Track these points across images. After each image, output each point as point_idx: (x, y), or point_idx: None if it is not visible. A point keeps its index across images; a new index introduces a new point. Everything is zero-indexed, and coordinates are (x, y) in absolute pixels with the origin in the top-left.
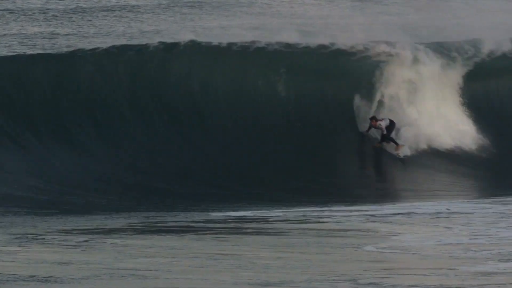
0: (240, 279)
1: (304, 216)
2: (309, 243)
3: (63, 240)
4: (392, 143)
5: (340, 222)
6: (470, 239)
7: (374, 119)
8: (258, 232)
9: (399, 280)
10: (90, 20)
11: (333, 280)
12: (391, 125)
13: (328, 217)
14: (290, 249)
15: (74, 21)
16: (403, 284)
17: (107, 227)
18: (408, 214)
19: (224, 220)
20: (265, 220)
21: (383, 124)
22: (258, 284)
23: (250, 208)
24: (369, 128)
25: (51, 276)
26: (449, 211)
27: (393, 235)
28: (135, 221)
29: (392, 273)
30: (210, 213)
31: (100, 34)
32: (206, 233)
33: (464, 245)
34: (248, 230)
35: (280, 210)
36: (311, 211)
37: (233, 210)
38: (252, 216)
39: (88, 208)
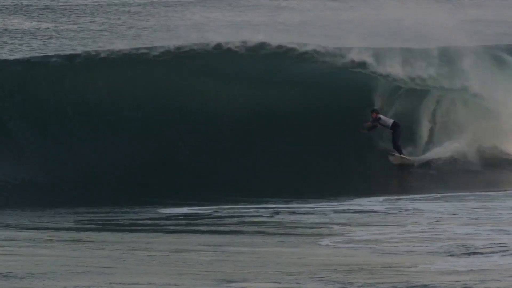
0: (199, 276)
1: (257, 212)
2: (264, 239)
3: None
4: (396, 151)
5: (296, 217)
6: (423, 234)
7: (375, 111)
8: (211, 231)
9: (356, 275)
10: None
11: (291, 274)
12: (396, 127)
13: (281, 214)
14: (247, 246)
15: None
16: (359, 280)
17: (55, 224)
18: (362, 210)
19: (175, 217)
20: (217, 217)
21: (384, 119)
22: (219, 279)
23: (203, 204)
24: (372, 125)
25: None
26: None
27: (348, 231)
28: (83, 218)
29: (349, 269)
30: (160, 210)
31: None
32: (158, 231)
33: (418, 239)
34: (202, 228)
35: (231, 207)
36: (264, 207)
37: (184, 206)
38: (203, 213)
39: (37, 205)
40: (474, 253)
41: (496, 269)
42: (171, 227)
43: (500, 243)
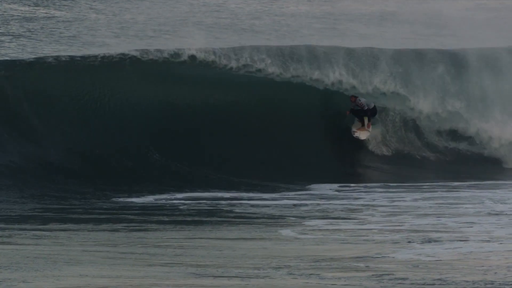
0: (166, 268)
1: (218, 204)
2: (225, 231)
3: None
4: (360, 123)
5: (255, 209)
6: (385, 226)
7: (353, 96)
8: (171, 222)
9: (322, 265)
10: None
11: (257, 267)
12: (374, 109)
13: (242, 205)
14: (210, 238)
15: None
16: (326, 270)
17: (13, 213)
18: (321, 197)
19: (135, 207)
20: (175, 208)
21: (363, 101)
22: (189, 273)
23: (163, 195)
24: (352, 110)
25: None
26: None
27: (308, 221)
28: (38, 207)
29: (314, 259)
30: (120, 200)
31: None
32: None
33: (379, 231)
34: (164, 219)
35: (189, 195)
36: (224, 198)
37: (144, 197)
38: (160, 204)
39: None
40: (435, 242)
41: (460, 258)
42: (133, 217)
43: (461, 233)
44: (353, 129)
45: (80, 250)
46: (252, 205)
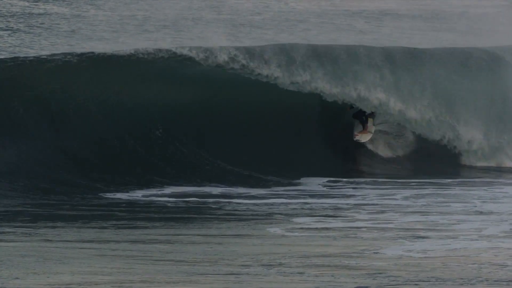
0: (156, 266)
1: (205, 202)
2: (212, 228)
3: None
4: (361, 125)
5: (242, 206)
6: (374, 223)
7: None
8: (160, 218)
9: (312, 262)
10: None
11: (245, 265)
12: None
13: (230, 203)
14: (199, 235)
15: None
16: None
17: (5, 210)
18: (309, 195)
19: (117, 204)
20: (163, 205)
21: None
22: (179, 272)
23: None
24: (352, 106)
25: None
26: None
27: (296, 218)
28: (28, 202)
29: (303, 255)
30: (106, 195)
31: None
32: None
33: (368, 229)
34: (153, 216)
35: (175, 191)
36: (213, 195)
37: (130, 193)
38: (148, 201)
39: None
40: (424, 239)
41: (449, 255)
42: (119, 214)
43: (449, 230)
44: (355, 132)
45: (69, 247)
46: (240, 203)
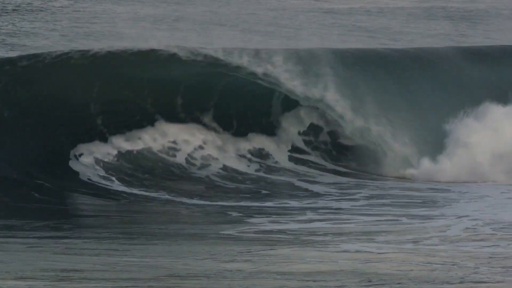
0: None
1: (154, 204)
2: (164, 233)
3: None
4: None
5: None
6: (333, 223)
7: None
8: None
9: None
10: None
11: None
12: None
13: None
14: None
15: None
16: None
17: None
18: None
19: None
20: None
21: None
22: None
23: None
24: None
25: None
26: None
27: (247, 219)
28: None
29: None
30: None
31: None
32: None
33: (326, 229)
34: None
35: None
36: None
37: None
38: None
39: None
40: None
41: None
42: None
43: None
44: None
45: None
46: (196, 204)
